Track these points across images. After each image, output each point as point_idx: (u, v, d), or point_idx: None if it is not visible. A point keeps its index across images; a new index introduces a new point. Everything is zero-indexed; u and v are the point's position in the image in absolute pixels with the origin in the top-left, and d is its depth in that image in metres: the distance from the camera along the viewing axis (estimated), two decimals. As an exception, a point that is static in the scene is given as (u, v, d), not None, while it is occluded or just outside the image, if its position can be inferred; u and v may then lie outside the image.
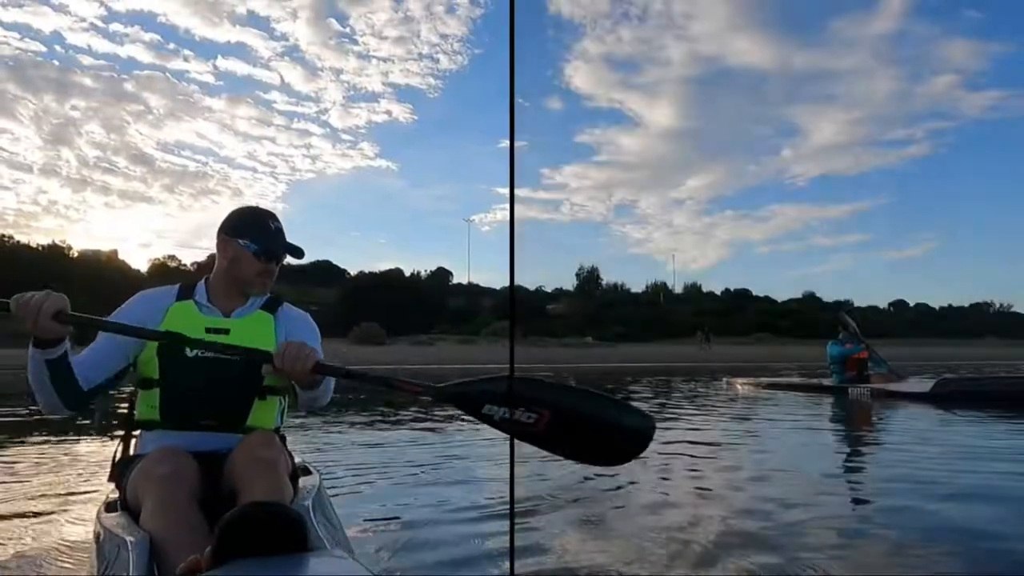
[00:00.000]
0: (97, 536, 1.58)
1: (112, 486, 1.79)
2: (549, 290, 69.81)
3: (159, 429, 1.72)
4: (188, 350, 1.73)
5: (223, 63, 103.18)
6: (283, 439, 1.83)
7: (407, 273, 61.24)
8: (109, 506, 1.67)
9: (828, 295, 71.71)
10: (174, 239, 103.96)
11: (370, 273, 54.81)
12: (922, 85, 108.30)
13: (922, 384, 8.04)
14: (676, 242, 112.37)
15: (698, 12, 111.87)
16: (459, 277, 68.30)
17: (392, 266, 60.61)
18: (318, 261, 59.99)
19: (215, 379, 1.73)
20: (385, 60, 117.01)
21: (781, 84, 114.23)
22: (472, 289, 63.12)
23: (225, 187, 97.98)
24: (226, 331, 1.77)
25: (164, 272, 51.03)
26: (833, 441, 5.08)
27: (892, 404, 7.35)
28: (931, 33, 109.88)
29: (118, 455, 1.82)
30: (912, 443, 4.73)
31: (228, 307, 1.85)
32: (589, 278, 71.88)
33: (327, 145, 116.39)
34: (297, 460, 1.88)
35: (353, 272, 59.26)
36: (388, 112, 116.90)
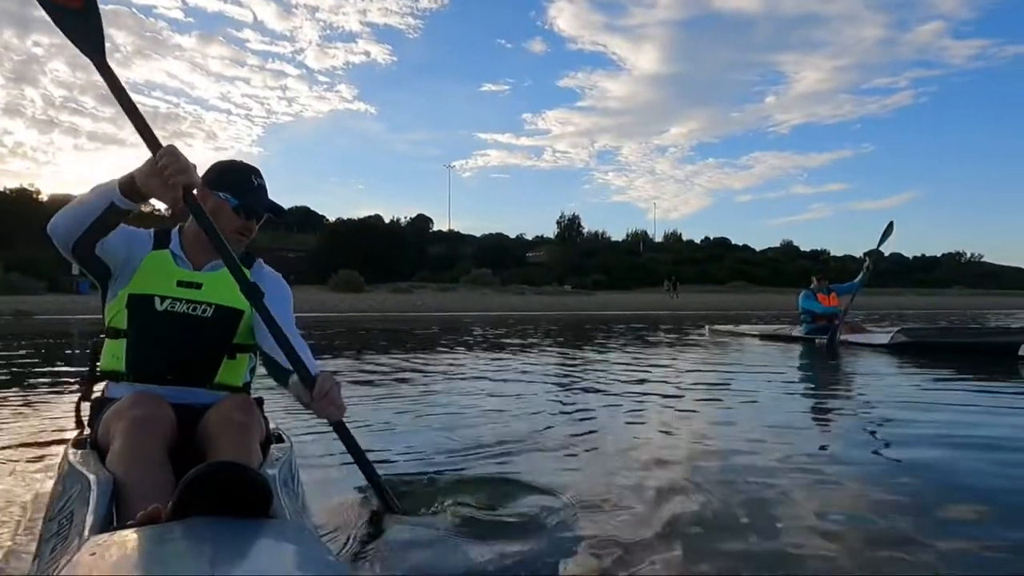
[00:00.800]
0: (60, 472, 1.57)
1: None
2: (530, 238, 69.94)
3: (124, 381, 1.68)
4: (159, 301, 1.69)
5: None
6: (260, 403, 1.80)
7: (387, 220, 60.73)
8: (78, 443, 1.64)
9: (806, 244, 72.86)
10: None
11: (349, 220, 54.18)
12: (908, 32, 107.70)
13: (882, 335, 8.26)
14: (658, 190, 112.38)
15: None
16: (439, 224, 67.93)
17: (371, 213, 60.03)
18: (296, 207, 59.23)
19: (185, 334, 1.69)
20: None
21: (768, 29, 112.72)
22: (452, 236, 62.82)
23: (199, 129, 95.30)
24: (198, 285, 1.73)
25: (138, 217, 49.84)
26: (793, 389, 5.10)
27: (854, 353, 7.51)
28: None
29: (83, 404, 1.79)
30: (866, 391, 4.92)
31: (201, 260, 1.78)
32: (570, 226, 71.93)
33: (303, 87, 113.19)
34: (272, 426, 1.84)
35: (332, 219, 58.56)
36: (366, 53, 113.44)
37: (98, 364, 1.77)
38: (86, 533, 1.16)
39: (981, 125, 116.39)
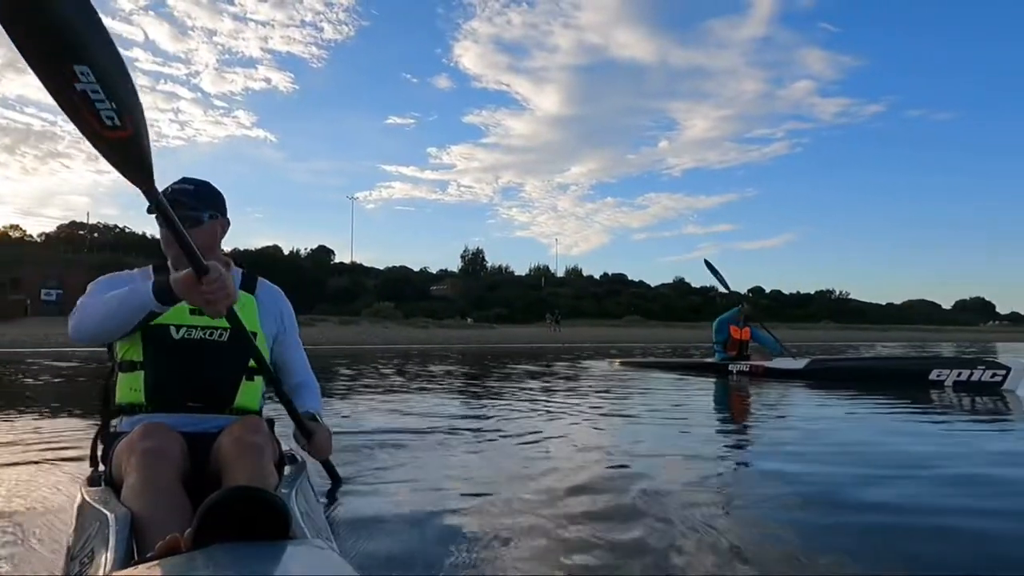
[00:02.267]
0: (78, 511, 1.56)
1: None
2: (434, 271, 70.02)
3: (143, 412, 1.69)
4: (175, 330, 1.72)
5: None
6: (271, 425, 1.81)
7: (286, 251, 59.09)
8: (92, 480, 1.66)
9: (696, 281, 77.08)
10: (16, 206, 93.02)
11: (246, 251, 52.31)
12: (783, 88, 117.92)
13: (796, 362, 8.52)
14: (560, 226, 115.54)
15: (585, 2, 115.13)
16: (341, 256, 66.73)
17: (270, 243, 58.25)
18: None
19: (203, 360, 1.71)
20: (264, 24, 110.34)
21: (660, 78, 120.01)
22: (355, 268, 61.96)
23: (78, 150, 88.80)
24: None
25: (5, 243, 45.81)
26: (711, 414, 5.43)
27: (768, 381, 7.86)
28: (793, 41, 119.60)
29: (99, 440, 1.80)
30: (783, 414, 5.33)
31: None
32: (474, 260, 72.72)
33: (198, 111, 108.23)
34: (284, 448, 1.86)
35: (227, 249, 56.04)
36: (267, 80, 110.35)
37: (113, 397, 1.78)
38: (108, 569, 1.16)
39: (847, 174, 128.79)
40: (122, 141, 1.33)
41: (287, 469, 1.73)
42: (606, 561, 1.81)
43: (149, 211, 1.51)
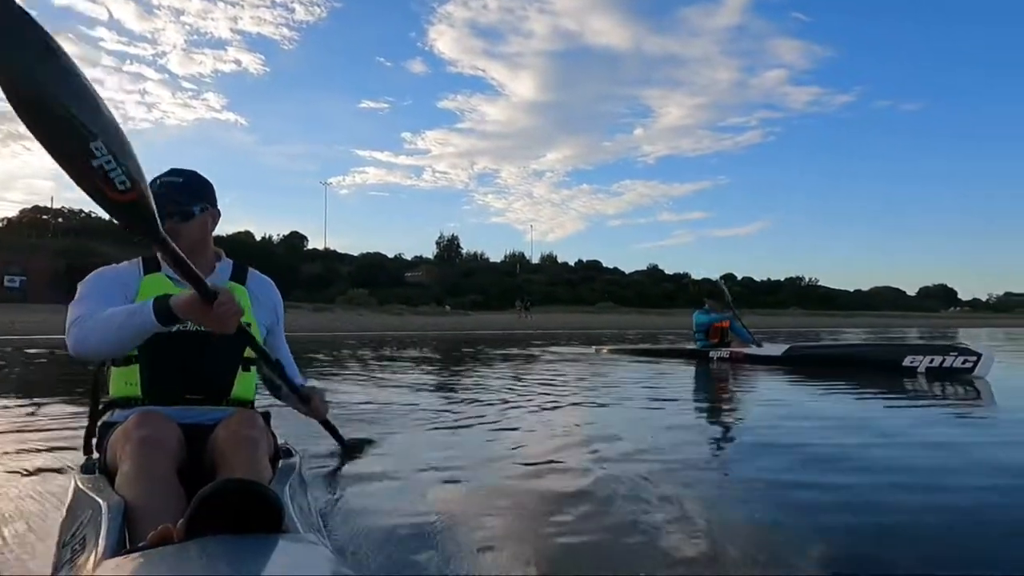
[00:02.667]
0: (71, 499, 1.56)
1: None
2: (409, 257, 69.69)
3: (139, 405, 1.68)
4: None
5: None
6: (267, 418, 1.81)
7: (257, 237, 58.27)
8: (85, 468, 1.65)
9: (670, 268, 77.91)
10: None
11: (216, 236, 51.40)
12: (756, 77, 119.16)
13: (775, 349, 8.72)
14: (535, 213, 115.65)
15: None
16: (315, 242, 65.97)
17: (240, 229, 57.31)
18: None
19: (200, 353, 1.72)
20: (234, 4, 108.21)
21: (635, 65, 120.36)
22: (328, 254, 61.33)
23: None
24: None
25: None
26: (689, 397, 5.59)
27: (749, 367, 7.99)
28: (766, 30, 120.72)
29: (92, 428, 1.80)
30: (763, 400, 5.43)
31: None
32: (449, 246, 72.33)
33: (165, 92, 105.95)
34: (280, 441, 1.86)
35: (197, 234, 55.16)
36: (237, 61, 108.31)
37: (104, 390, 1.80)
38: (99, 557, 1.16)
39: (817, 163, 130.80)
40: (133, 202, 1.37)
41: (282, 463, 1.73)
42: (585, 556, 1.84)
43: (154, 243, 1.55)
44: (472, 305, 42.01)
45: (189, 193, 1.79)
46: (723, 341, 9.04)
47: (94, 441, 1.77)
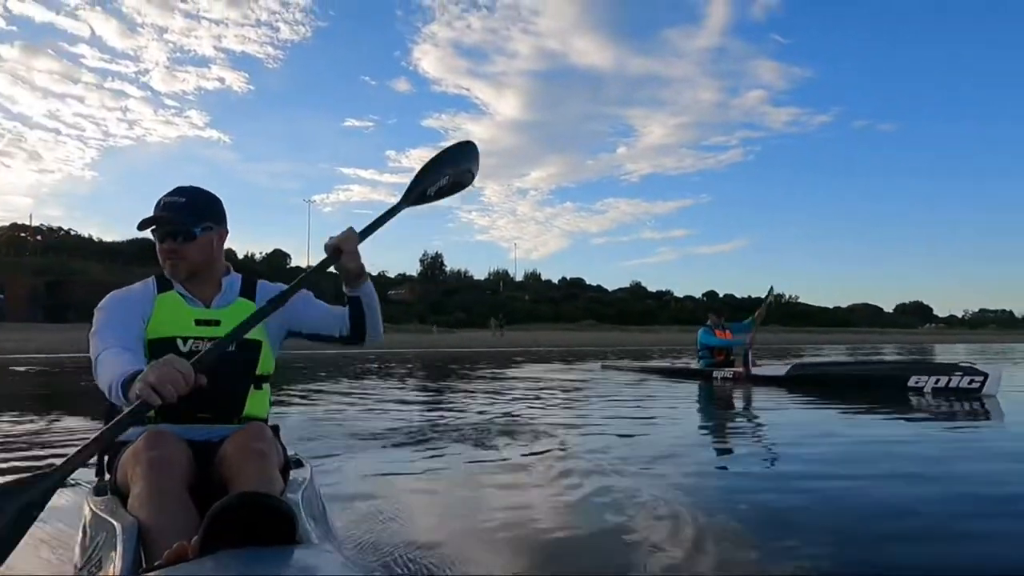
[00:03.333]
0: (85, 521, 1.55)
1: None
2: (392, 275, 69.68)
3: (151, 423, 1.65)
4: (182, 343, 1.69)
5: (17, 6, 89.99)
6: (276, 431, 1.80)
7: (240, 255, 57.97)
8: (98, 490, 1.65)
9: (653, 285, 78.58)
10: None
11: (198, 254, 51.15)
12: (737, 97, 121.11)
13: (778, 369, 8.58)
14: (520, 231, 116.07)
15: (544, 9, 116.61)
16: (297, 260, 65.72)
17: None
18: (137, 239, 55.09)
19: (212, 371, 1.66)
20: (218, 23, 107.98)
21: (618, 85, 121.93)
22: (311, 273, 60.85)
23: (19, 148, 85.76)
24: (217, 322, 1.72)
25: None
26: (690, 420, 5.51)
27: (751, 387, 7.95)
28: (746, 52, 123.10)
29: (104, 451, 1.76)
30: (764, 422, 5.35)
31: (208, 295, 1.79)
32: (433, 264, 72.42)
33: (147, 110, 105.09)
34: (289, 452, 1.85)
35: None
36: (220, 80, 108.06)
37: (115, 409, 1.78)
38: None
39: (797, 182, 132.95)
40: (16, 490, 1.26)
41: (293, 473, 1.72)
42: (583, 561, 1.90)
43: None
44: (456, 323, 42.12)
45: (191, 212, 1.74)
46: (727, 360, 8.99)
47: (106, 460, 1.75)
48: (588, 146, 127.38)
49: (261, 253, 63.08)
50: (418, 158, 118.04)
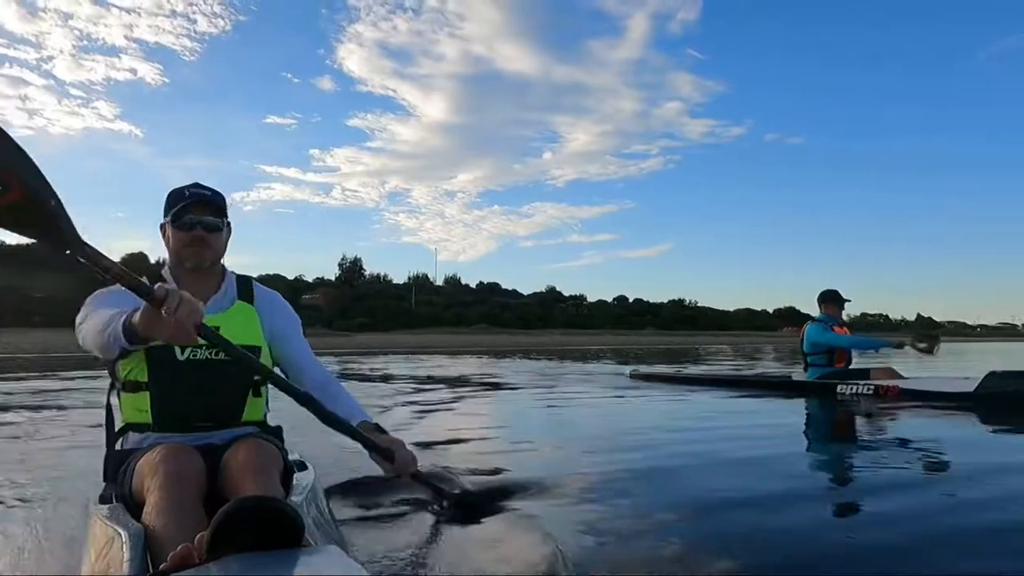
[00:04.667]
0: (91, 528, 1.53)
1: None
2: (310, 279, 69.92)
3: (150, 432, 1.65)
4: (179, 351, 1.64)
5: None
6: (280, 434, 1.80)
7: (152, 259, 58.56)
8: (103, 498, 1.63)
9: (576, 289, 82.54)
10: None
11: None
12: (657, 108, 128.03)
13: (960, 382, 5.72)
14: (448, 233, 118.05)
15: (470, 14, 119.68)
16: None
17: (133, 244, 57.48)
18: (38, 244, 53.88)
19: (210, 380, 1.67)
20: (129, 11, 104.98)
21: (544, 92, 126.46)
22: (226, 277, 61.71)
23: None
24: (215, 329, 1.57)
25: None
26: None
27: (908, 408, 5.27)
28: (665, 64, 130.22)
29: (107, 454, 1.74)
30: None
31: (200, 297, 1.61)
32: (352, 268, 73.46)
33: (50, 99, 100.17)
34: (293, 456, 1.84)
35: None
36: (132, 71, 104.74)
37: (116, 415, 1.75)
38: None
39: (715, 191, 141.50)
40: (13, 204, 1.30)
41: (297, 476, 1.70)
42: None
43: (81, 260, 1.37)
44: (359, 327, 45.20)
45: (217, 207, 1.76)
46: (847, 367, 6.37)
47: (110, 467, 1.68)
48: (515, 150, 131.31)
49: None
50: (344, 158, 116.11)
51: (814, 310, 6.57)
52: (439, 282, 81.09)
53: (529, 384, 8.62)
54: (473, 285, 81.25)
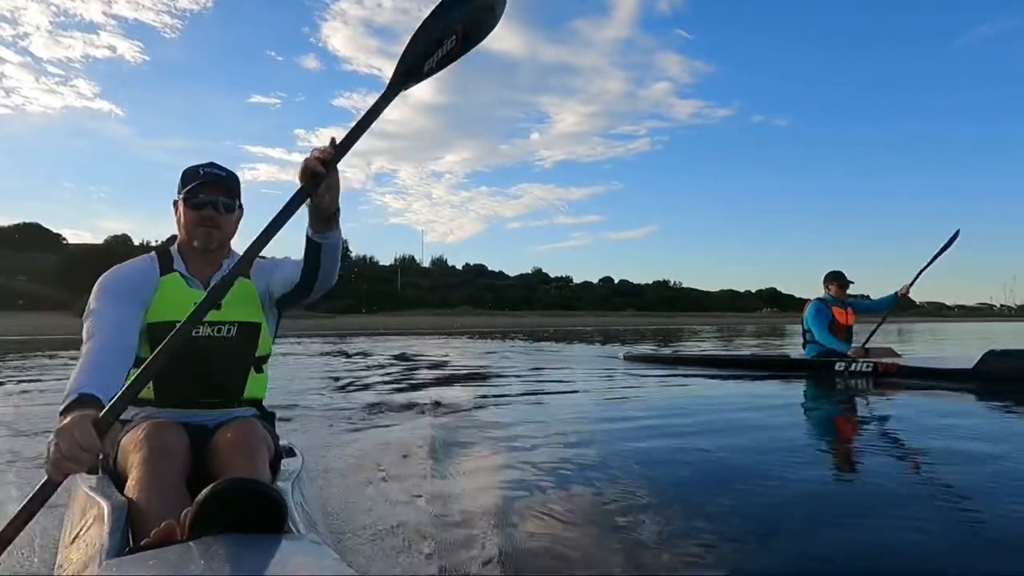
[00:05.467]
0: (75, 499, 1.54)
1: None
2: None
3: (151, 407, 1.66)
4: None
5: None
6: (272, 419, 1.81)
7: (136, 241, 58.47)
8: (89, 470, 1.56)
9: (564, 271, 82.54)
10: None
11: (93, 245, 52.05)
12: (645, 89, 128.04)
13: (959, 360, 5.87)
14: (435, 214, 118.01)
15: None
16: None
17: (115, 224, 57.34)
18: (26, 224, 54.45)
19: (212, 357, 1.69)
20: None
21: (531, 73, 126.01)
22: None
23: None
24: (218, 306, 1.59)
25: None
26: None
27: (905, 387, 5.42)
28: (652, 45, 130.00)
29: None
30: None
31: (205, 274, 1.76)
32: None
33: (28, 77, 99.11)
34: (284, 442, 1.84)
35: (68, 236, 55.50)
36: (111, 48, 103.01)
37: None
38: (103, 557, 1.16)
39: (703, 171, 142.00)
40: None
41: (284, 463, 1.70)
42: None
43: None
44: (345, 309, 45.70)
45: (230, 188, 1.77)
46: (847, 341, 6.41)
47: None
48: (502, 131, 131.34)
49: (158, 239, 62.30)
50: (329, 137, 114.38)
51: (797, 291, 7.24)
52: (426, 264, 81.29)
53: (515, 369, 8.38)
54: (460, 267, 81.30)
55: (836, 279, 6.56)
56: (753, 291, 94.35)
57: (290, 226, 1.39)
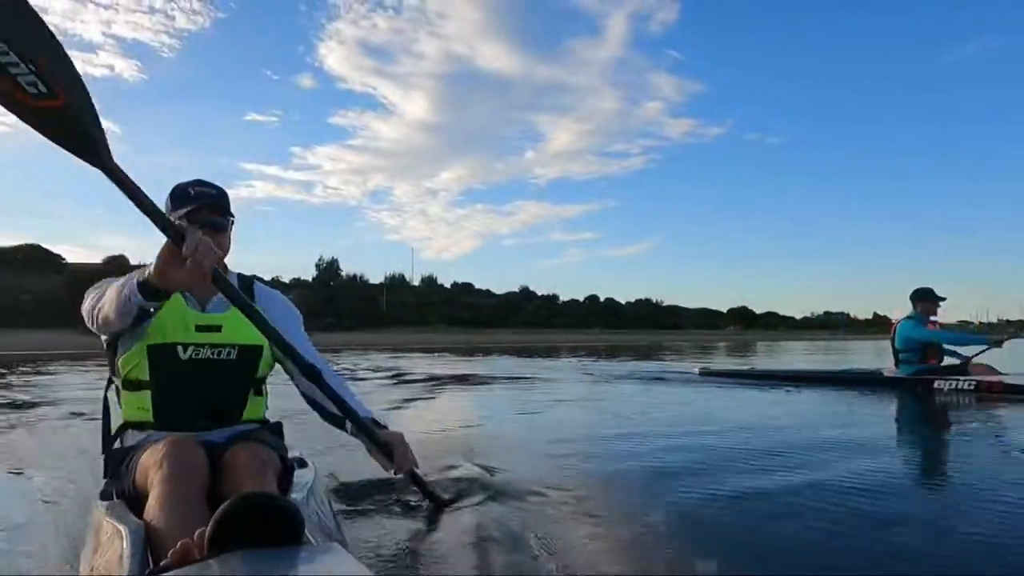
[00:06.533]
0: (93, 525, 1.55)
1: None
2: (287, 280, 70.91)
3: (152, 430, 1.67)
4: (182, 350, 1.68)
5: None
6: (280, 431, 1.83)
7: (133, 260, 60.54)
8: (104, 495, 1.63)
9: (549, 288, 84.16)
10: None
11: (92, 264, 54.59)
12: (638, 107, 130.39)
13: None
14: (431, 231, 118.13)
15: (451, 12, 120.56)
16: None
17: (112, 242, 57.94)
18: (25, 246, 55.45)
19: (212, 379, 1.70)
20: (106, 7, 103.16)
21: (525, 91, 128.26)
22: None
23: None
24: (218, 328, 1.69)
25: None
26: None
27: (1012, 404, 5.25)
28: (645, 64, 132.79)
29: (108, 452, 1.77)
30: None
31: (202, 296, 1.77)
32: (329, 269, 74.74)
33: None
34: (294, 453, 1.86)
35: (66, 252, 57.18)
36: (110, 67, 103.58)
37: (115, 412, 1.78)
38: None
39: (696, 190, 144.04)
40: (53, 109, 1.32)
41: (297, 474, 1.73)
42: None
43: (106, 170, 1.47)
44: (326, 327, 48.25)
45: (222, 206, 1.79)
46: (939, 363, 6.56)
47: (110, 464, 1.73)
48: (497, 149, 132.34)
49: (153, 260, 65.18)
50: (325, 155, 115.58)
51: (766, 307, 8.70)
52: (415, 282, 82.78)
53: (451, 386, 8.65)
54: (448, 285, 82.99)
55: (928, 296, 6.61)
56: (724, 311, 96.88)
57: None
